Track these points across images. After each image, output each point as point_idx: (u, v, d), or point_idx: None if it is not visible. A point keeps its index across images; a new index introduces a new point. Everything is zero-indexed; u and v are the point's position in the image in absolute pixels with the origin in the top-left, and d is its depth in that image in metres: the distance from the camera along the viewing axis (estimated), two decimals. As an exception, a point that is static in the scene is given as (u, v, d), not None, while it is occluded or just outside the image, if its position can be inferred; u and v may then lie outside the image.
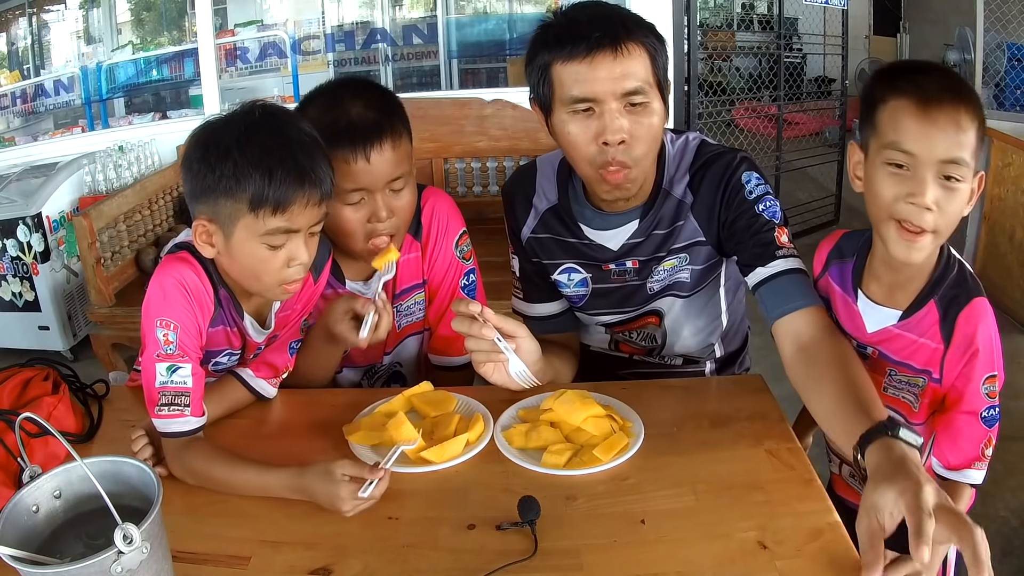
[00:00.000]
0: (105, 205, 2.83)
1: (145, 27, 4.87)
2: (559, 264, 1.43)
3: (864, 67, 7.28)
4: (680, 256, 1.36)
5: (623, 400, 1.24)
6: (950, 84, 1.00)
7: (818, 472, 1.09)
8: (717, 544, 0.95)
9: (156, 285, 1.15)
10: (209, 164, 1.08)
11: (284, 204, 1.07)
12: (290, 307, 1.32)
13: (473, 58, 4.65)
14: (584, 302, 1.44)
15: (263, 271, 1.13)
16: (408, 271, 1.48)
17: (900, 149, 0.99)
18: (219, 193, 1.08)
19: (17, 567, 0.74)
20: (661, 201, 1.33)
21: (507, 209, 1.47)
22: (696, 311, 1.43)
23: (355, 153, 1.24)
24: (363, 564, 0.95)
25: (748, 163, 1.31)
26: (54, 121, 4.44)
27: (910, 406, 1.12)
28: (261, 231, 1.09)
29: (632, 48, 1.17)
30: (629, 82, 1.17)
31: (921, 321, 1.08)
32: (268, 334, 1.30)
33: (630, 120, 1.19)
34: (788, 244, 1.24)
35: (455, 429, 1.19)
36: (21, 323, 3.29)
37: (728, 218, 1.29)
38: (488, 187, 3.49)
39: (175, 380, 1.12)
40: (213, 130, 1.11)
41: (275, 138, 1.09)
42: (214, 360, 1.27)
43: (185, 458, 1.11)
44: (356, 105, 1.27)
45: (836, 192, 4.87)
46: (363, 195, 1.28)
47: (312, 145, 1.12)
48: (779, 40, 4.79)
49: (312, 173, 1.09)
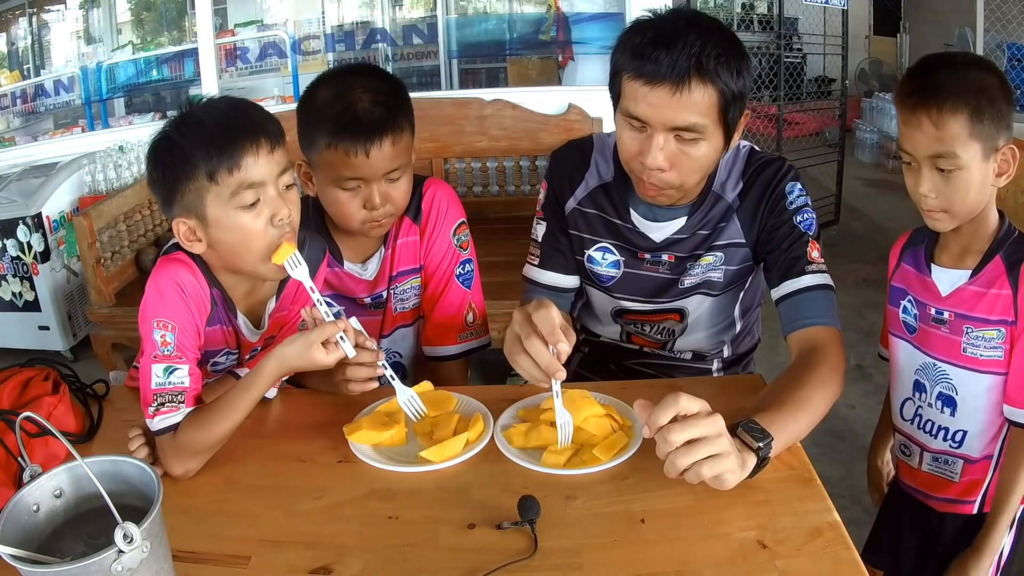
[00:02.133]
0: (105, 205, 2.83)
1: (145, 27, 4.87)
2: (596, 241, 1.44)
3: (864, 67, 7.29)
4: (717, 255, 1.38)
5: (623, 400, 1.24)
6: (930, 82, 1.13)
7: (818, 472, 1.09)
8: (717, 544, 0.95)
9: (152, 287, 1.16)
10: (163, 163, 1.12)
11: (235, 161, 1.09)
12: (286, 308, 1.32)
13: (473, 58, 4.64)
14: (612, 283, 1.46)
15: (249, 237, 1.13)
16: (406, 254, 1.49)
17: (902, 149, 1.19)
18: (180, 182, 1.11)
19: (17, 566, 0.74)
20: (711, 203, 1.36)
21: (554, 174, 1.47)
22: (717, 311, 1.46)
23: (355, 147, 1.28)
24: (363, 564, 0.95)
25: (794, 173, 1.36)
26: (54, 121, 4.45)
27: (988, 360, 1.20)
28: (228, 195, 1.10)
29: (697, 86, 1.16)
30: (682, 117, 1.18)
31: (990, 274, 1.20)
32: (262, 334, 1.30)
33: (677, 148, 1.21)
34: (818, 259, 1.30)
35: (455, 428, 1.19)
36: (21, 323, 3.29)
37: (768, 224, 1.33)
38: (488, 187, 3.50)
39: (172, 381, 1.12)
40: (157, 137, 1.14)
41: (208, 111, 1.13)
42: (213, 360, 1.27)
43: (180, 442, 1.10)
44: (364, 99, 1.29)
45: (836, 192, 4.87)
46: (360, 183, 1.32)
47: (246, 104, 1.16)
48: (779, 40, 4.79)
49: (252, 124, 1.11)
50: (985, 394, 1.22)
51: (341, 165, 1.29)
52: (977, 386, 1.23)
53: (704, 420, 0.96)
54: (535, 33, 4.43)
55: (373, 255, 1.48)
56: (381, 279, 1.50)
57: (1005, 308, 1.18)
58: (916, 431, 1.33)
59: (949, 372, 1.25)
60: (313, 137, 1.31)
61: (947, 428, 1.28)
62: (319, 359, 1.11)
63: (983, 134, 1.11)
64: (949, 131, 1.11)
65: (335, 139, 1.27)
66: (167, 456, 1.12)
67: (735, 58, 1.18)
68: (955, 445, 1.27)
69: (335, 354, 1.13)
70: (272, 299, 1.29)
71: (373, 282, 1.50)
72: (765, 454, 1.01)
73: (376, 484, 1.10)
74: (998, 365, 1.20)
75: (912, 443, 1.35)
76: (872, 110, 6.53)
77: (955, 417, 1.26)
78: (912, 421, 1.33)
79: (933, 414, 1.29)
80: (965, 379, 1.24)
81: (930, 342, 1.27)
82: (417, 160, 1.45)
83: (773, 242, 1.33)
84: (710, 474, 0.96)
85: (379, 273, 1.49)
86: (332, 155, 1.29)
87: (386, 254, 1.48)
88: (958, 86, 1.11)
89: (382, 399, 1.28)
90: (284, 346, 1.13)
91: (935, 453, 1.30)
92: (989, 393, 1.22)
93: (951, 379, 1.25)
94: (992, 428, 1.24)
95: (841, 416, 2.78)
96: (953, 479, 1.29)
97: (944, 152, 1.12)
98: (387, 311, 1.53)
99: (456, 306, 1.51)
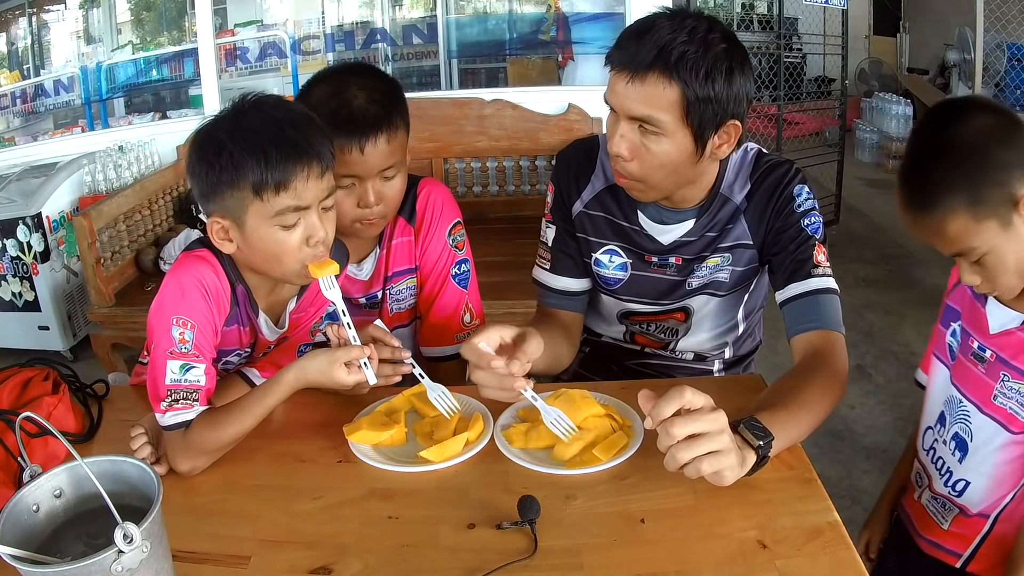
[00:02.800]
0: (105, 205, 2.83)
1: (145, 27, 4.87)
2: (603, 244, 1.43)
3: (864, 67, 7.29)
4: (724, 255, 1.38)
5: (623, 400, 1.24)
6: (916, 190, 1.02)
7: (818, 472, 1.09)
8: (717, 544, 0.95)
9: (175, 282, 1.15)
10: (208, 162, 1.10)
11: (285, 182, 1.09)
12: (304, 309, 1.32)
13: (473, 58, 4.65)
14: (619, 286, 1.45)
15: (283, 253, 1.14)
16: (401, 255, 1.49)
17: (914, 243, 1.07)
18: (223, 187, 1.10)
19: (17, 566, 0.74)
20: (718, 205, 1.35)
21: (560, 177, 1.46)
22: (722, 312, 1.45)
23: (351, 144, 1.27)
24: (363, 564, 0.95)
25: (801, 176, 1.35)
26: (54, 121, 4.45)
27: (1015, 416, 1.09)
28: (271, 213, 1.10)
29: (654, 78, 1.15)
30: (637, 108, 1.18)
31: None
32: (281, 334, 1.30)
33: (639, 140, 1.21)
34: (825, 263, 1.29)
35: (455, 429, 1.19)
36: (21, 323, 3.29)
37: (775, 226, 1.33)
38: (488, 187, 3.49)
39: (188, 379, 1.12)
40: (207, 130, 1.12)
41: (265, 122, 1.10)
42: (224, 360, 1.28)
43: (190, 440, 1.11)
44: (360, 96, 1.29)
45: (836, 192, 4.87)
46: (354, 180, 1.32)
47: (303, 121, 1.13)
48: (779, 40, 4.79)
49: (307, 146, 1.10)
50: (998, 451, 1.11)
51: (336, 162, 1.28)
52: (993, 439, 1.12)
53: (707, 416, 0.96)
54: (535, 33, 4.43)
55: (368, 256, 1.48)
56: (376, 280, 1.50)
57: None
58: (928, 463, 1.24)
59: (971, 414, 1.15)
60: None
61: (951, 472, 1.19)
62: (340, 378, 1.12)
63: (991, 210, 0.98)
64: (952, 233, 1.01)
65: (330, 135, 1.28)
66: (175, 452, 1.12)
67: (711, 60, 1.15)
68: (955, 493, 1.18)
69: (356, 376, 1.13)
70: (293, 299, 1.30)
71: (368, 283, 1.50)
72: (765, 453, 1.02)
73: (376, 484, 1.10)
74: (1019, 424, 1.08)
75: (924, 473, 1.26)
76: (872, 110, 6.53)
77: (962, 465, 1.17)
78: (928, 452, 1.24)
79: (945, 452, 1.20)
80: (984, 427, 1.13)
81: (964, 377, 1.16)
82: (416, 160, 1.46)
83: (779, 244, 1.32)
84: (709, 470, 0.96)
85: (374, 274, 1.49)
86: None
87: (381, 254, 1.49)
88: (946, 181, 0.99)
89: (382, 399, 1.29)
90: (307, 360, 1.14)
91: (935, 493, 1.22)
92: (1002, 451, 1.11)
93: (971, 423, 1.15)
94: (997, 489, 1.13)
95: (841, 416, 2.78)
96: (942, 525, 1.21)
97: (963, 250, 1.03)
98: (383, 312, 1.53)
99: (453, 306, 1.51)
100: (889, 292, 3.89)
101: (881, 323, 3.55)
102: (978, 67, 4.86)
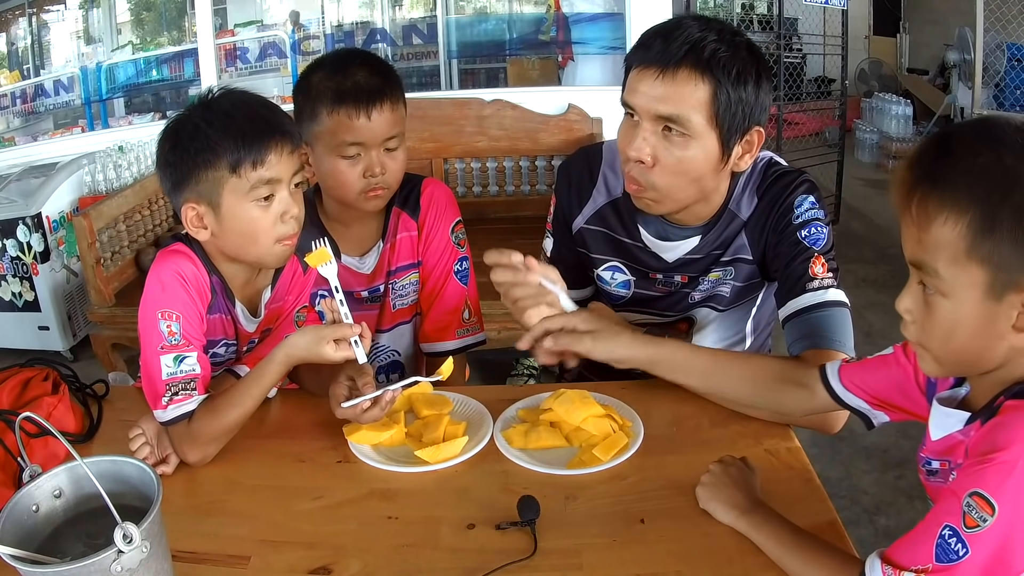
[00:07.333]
0: (105, 205, 2.83)
1: (145, 27, 4.87)
2: (605, 260, 1.42)
3: (864, 67, 7.29)
4: (725, 269, 1.35)
5: (623, 400, 1.24)
6: (945, 172, 0.79)
7: (818, 472, 1.09)
8: (717, 544, 0.95)
9: (154, 279, 1.17)
10: (183, 147, 1.14)
11: (261, 157, 1.13)
12: (281, 298, 1.33)
13: (473, 58, 4.64)
14: (623, 303, 1.44)
15: (259, 232, 1.16)
16: (404, 249, 1.51)
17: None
18: (199, 168, 1.13)
19: (17, 566, 0.74)
20: (726, 222, 1.31)
21: (562, 190, 1.45)
22: (728, 325, 1.43)
23: (357, 111, 1.32)
24: (363, 564, 0.95)
25: (807, 186, 1.29)
26: (54, 121, 4.45)
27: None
28: (247, 188, 1.13)
29: (686, 73, 1.13)
30: (666, 106, 1.15)
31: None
32: (259, 323, 1.31)
33: (663, 144, 1.18)
34: (822, 274, 1.23)
35: (444, 433, 1.18)
36: (21, 323, 3.29)
37: (772, 241, 1.29)
38: (488, 187, 3.50)
39: (183, 369, 1.14)
40: (179, 120, 1.17)
41: (236, 105, 1.16)
42: (212, 351, 1.28)
43: (194, 430, 1.13)
44: (361, 71, 1.35)
45: (836, 192, 4.87)
46: (360, 150, 1.35)
47: (271, 105, 1.19)
48: (779, 40, 4.79)
49: (279, 124, 1.16)
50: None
51: (343, 130, 1.33)
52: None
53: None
54: (535, 33, 4.43)
55: (371, 249, 1.49)
56: (379, 273, 1.51)
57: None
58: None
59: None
60: (314, 108, 1.34)
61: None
62: (327, 353, 1.13)
63: (990, 263, 0.76)
64: (934, 237, 0.79)
65: (337, 105, 1.32)
66: (183, 444, 1.13)
67: (740, 61, 1.14)
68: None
69: (343, 352, 1.14)
70: (267, 289, 1.31)
71: (371, 276, 1.51)
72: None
73: (375, 484, 1.10)
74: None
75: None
76: (872, 110, 6.52)
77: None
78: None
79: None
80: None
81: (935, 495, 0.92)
82: (416, 160, 1.48)
83: (777, 260, 1.28)
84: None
85: (377, 267, 1.50)
86: (334, 121, 1.33)
87: (384, 248, 1.50)
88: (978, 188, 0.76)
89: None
90: (296, 336, 1.15)
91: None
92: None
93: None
94: None
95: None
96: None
97: (926, 265, 0.83)
98: (385, 306, 1.54)
99: (455, 302, 1.52)
100: (889, 292, 3.89)
101: (881, 323, 3.55)
102: (978, 67, 4.86)
